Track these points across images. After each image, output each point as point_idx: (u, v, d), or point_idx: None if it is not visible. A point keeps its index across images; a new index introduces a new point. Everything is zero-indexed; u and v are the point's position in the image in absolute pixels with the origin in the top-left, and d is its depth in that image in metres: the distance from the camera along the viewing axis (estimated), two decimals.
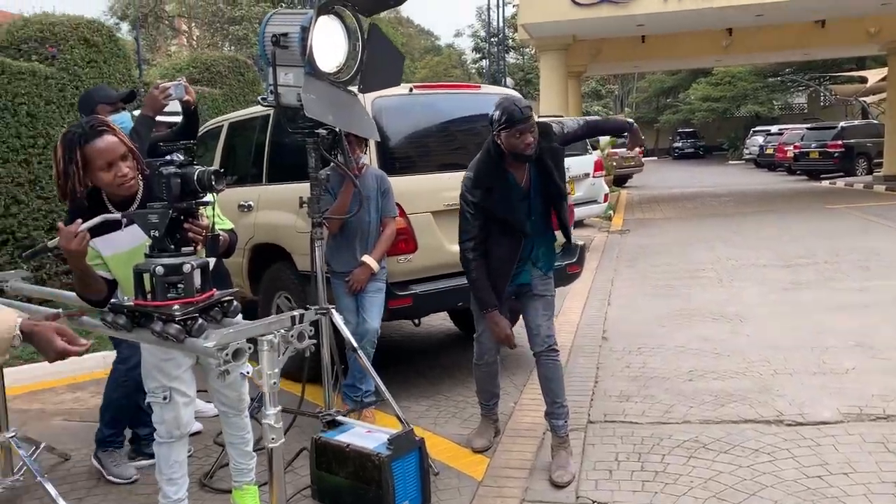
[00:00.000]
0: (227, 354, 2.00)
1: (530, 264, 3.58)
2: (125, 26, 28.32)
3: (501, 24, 25.37)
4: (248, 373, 2.72)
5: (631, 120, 3.91)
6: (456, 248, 4.50)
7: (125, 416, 3.69)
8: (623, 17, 15.39)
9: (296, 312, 2.23)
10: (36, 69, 6.65)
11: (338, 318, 3.65)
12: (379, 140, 3.70)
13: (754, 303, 6.72)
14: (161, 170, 2.23)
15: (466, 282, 4.29)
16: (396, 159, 4.47)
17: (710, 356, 5.13)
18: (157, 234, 2.21)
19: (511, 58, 39.10)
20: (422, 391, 4.72)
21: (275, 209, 4.88)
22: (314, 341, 2.35)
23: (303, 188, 4.09)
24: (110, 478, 3.58)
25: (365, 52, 3.57)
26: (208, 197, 2.29)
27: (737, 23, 17.67)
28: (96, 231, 2.33)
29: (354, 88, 3.62)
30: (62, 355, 1.77)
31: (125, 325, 2.22)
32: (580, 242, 5.12)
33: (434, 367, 5.24)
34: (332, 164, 3.74)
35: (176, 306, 2.13)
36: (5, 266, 6.13)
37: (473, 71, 42.00)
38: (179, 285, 2.20)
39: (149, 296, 2.22)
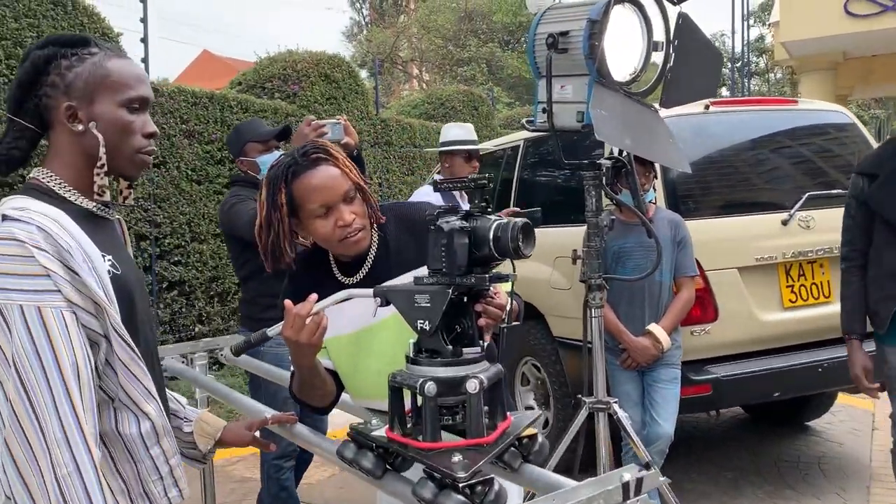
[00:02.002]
0: None
1: None
2: (364, 73, 29.97)
3: (744, 49, 23.11)
4: None
5: None
6: (770, 317, 3.41)
7: None
8: None
9: (627, 475, 1.26)
10: (278, 106, 6.49)
11: (623, 418, 2.66)
12: (689, 171, 2.69)
13: None
14: (440, 223, 1.35)
15: (786, 364, 3.14)
16: (689, 197, 3.42)
17: None
18: (426, 328, 1.35)
19: (753, 84, 36.12)
20: None
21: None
22: None
23: (561, 235, 3.20)
24: None
25: (672, 51, 2.60)
26: (508, 266, 1.41)
27: None
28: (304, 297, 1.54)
29: (654, 103, 2.66)
30: None
31: (372, 468, 1.39)
32: None
33: (728, 471, 4.03)
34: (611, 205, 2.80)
35: (458, 455, 1.25)
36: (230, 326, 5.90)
37: None
38: (458, 412, 1.34)
39: (408, 421, 1.38)
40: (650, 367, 3.07)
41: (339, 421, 3.23)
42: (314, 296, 1.46)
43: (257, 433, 1.75)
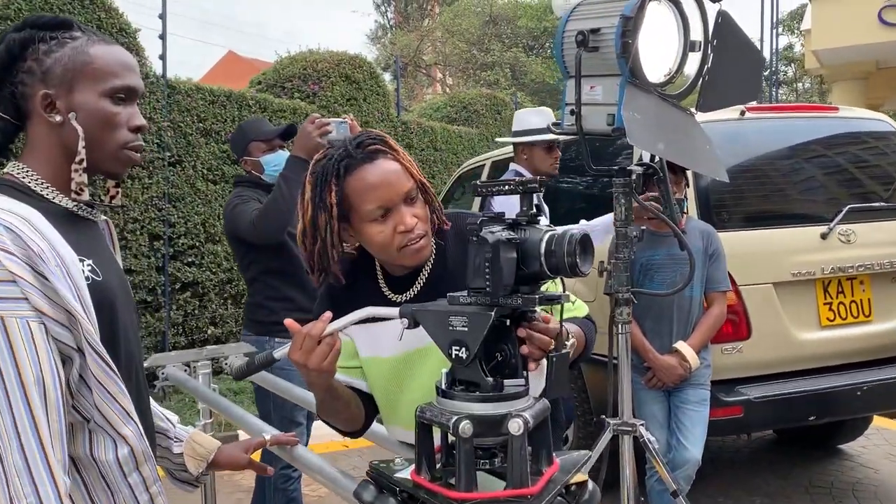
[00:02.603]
0: None
1: None
2: (387, 76, 29.91)
3: (772, 57, 22.74)
4: None
5: None
6: (807, 336, 3.22)
7: None
8: None
9: None
10: (296, 106, 6.37)
11: (650, 441, 2.49)
12: (726, 181, 2.52)
13: None
14: (483, 233, 1.15)
15: (823, 386, 2.99)
16: (723, 208, 3.24)
17: None
18: (463, 356, 1.16)
19: (781, 93, 35.60)
20: None
21: None
22: None
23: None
24: None
25: (710, 51, 2.43)
26: (558, 285, 1.24)
27: None
28: (347, 311, 1.33)
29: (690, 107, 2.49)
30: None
31: None
32: None
33: (756, 495, 3.82)
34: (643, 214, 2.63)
35: None
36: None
37: None
38: (497, 456, 1.18)
39: (440, 460, 1.21)
40: (677, 387, 2.89)
41: (321, 433, 3.08)
42: (328, 314, 1.27)
43: (256, 454, 1.61)
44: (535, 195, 1.18)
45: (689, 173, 3.05)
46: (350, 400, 1.51)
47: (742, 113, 3.34)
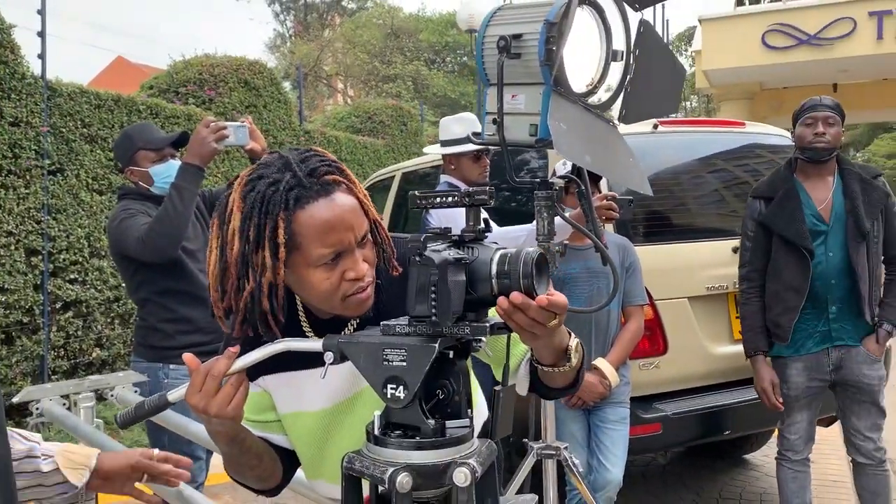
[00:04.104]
0: None
1: (837, 322, 2.84)
2: (287, 85, 29.31)
3: None
4: None
5: None
6: (721, 349, 3.23)
7: None
8: (823, 62, 13.54)
9: None
10: (191, 112, 6.02)
11: (573, 466, 2.39)
12: (650, 194, 2.47)
13: None
14: (428, 252, 0.99)
15: (737, 400, 3.02)
16: (637, 222, 3.21)
17: None
18: (399, 394, 1.00)
19: None
20: None
21: None
22: None
23: None
24: None
25: (632, 62, 2.36)
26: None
27: None
28: (268, 362, 1.14)
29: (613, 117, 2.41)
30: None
31: None
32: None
33: None
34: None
35: None
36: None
37: None
38: None
39: None
40: (597, 405, 2.81)
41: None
42: (234, 349, 1.08)
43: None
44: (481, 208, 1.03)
45: (602, 187, 3.01)
46: (263, 453, 1.30)
47: (655, 127, 3.33)
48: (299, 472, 1.42)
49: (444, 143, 3.24)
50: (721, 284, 3.23)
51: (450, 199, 1.03)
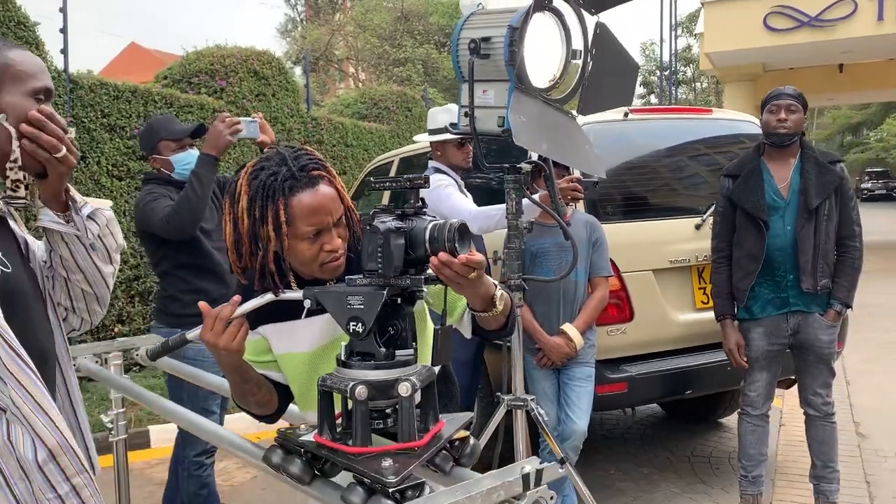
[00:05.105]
0: None
1: (794, 290, 3.15)
2: (297, 70, 29.59)
3: (671, 58, 23.76)
4: None
5: None
6: (684, 317, 3.55)
7: None
8: (824, 43, 13.66)
9: (528, 467, 1.31)
10: (204, 102, 6.36)
11: (540, 415, 2.74)
12: (604, 178, 2.79)
13: None
14: (376, 222, 1.34)
15: (697, 363, 3.33)
16: (607, 202, 3.52)
17: None
18: (360, 330, 1.33)
19: (680, 92, 37.18)
20: (633, 503, 3.67)
21: None
22: None
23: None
24: None
25: (589, 60, 2.68)
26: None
27: None
28: (266, 313, 1.53)
29: (572, 110, 2.73)
30: None
31: (300, 475, 1.37)
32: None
33: (642, 466, 4.16)
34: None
35: (388, 459, 1.25)
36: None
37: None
38: (390, 414, 1.36)
39: (339, 424, 1.37)
40: (565, 365, 3.15)
41: (232, 427, 3.20)
42: (237, 297, 1.42)
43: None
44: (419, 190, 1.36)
45: (575, 170, 3.32)
46: (261, 383, 1.63)
47: (625, 114, 3.63)
48: (293, 407, 1.78)
49: (432, 132, 3.56)
50: (684, 258, 3.55)
51: (395, 184, 1.36)
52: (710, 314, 3.54)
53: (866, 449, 4.26)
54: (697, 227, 3.60)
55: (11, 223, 1.38)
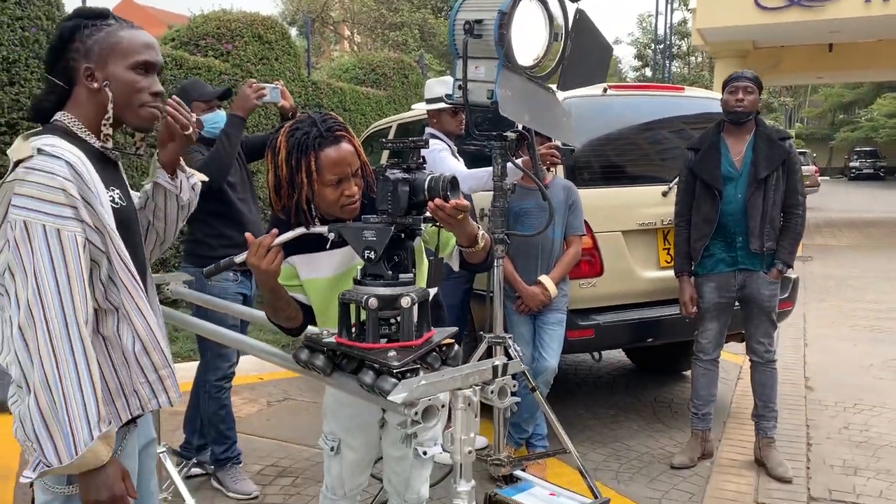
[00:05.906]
0: (416, 413, 1.54)
1: (743, 250, 3.57)
2: (294, 31, 29.54)
3: (667, 31, 24.02)
4: (432, 454, 2.22)
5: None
6: (648, 274, 3.97)
7: (230, 425, 3.47)
8: (814, 23, 13.99)
9: (497, 361, 1.73)
10: (211, 64, 6.67)
11: (515, 351, 3.16)
12: (578, 147, 3.18)
13: None
14: (387, 173, 1.74)
15: (658, 315, 3.75)
16: (584, 169, 3.92)
17: None
18: (372, 256, 1.74)
19: (675, 66, 37.36)
20: (598, 437, 4.13)
21: None
22: (517, 399, 1.85)
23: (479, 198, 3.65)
24: (232, 495, 3.39)
25: (569, 42, 3.06)
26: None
27: None
28: (295, 247, 1.92)
29: (553, 85, 3.11)
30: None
31: (323, 366, 1.79)
32: (793, 275, 4.34)
33: (610, 408, 4.63)
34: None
35: (393, 352, 1.67)
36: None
37: (632, 80, 40.51)
38: (394, 323, 1.76)
39: (354, 331, 1.78)
40: (540, 312, 3.57)
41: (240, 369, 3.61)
42: (275, 230, 1.79)
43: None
44: (422, 150, 1.77)
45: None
46: (290, 302, 2.03)
47: (604, 90, 4.01)
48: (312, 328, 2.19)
49: (429, 101, 3.93)
50: (651, 221, 3.96)
51: (402, 144, 1.76)
52: (672, 272, 3.98)
53: (812, 399, 4.74)
54: (664, 194, 4.00)
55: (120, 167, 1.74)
